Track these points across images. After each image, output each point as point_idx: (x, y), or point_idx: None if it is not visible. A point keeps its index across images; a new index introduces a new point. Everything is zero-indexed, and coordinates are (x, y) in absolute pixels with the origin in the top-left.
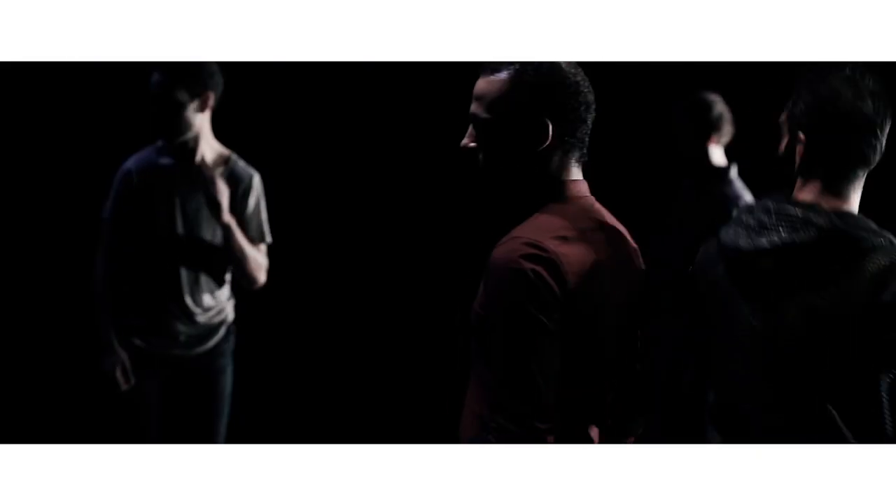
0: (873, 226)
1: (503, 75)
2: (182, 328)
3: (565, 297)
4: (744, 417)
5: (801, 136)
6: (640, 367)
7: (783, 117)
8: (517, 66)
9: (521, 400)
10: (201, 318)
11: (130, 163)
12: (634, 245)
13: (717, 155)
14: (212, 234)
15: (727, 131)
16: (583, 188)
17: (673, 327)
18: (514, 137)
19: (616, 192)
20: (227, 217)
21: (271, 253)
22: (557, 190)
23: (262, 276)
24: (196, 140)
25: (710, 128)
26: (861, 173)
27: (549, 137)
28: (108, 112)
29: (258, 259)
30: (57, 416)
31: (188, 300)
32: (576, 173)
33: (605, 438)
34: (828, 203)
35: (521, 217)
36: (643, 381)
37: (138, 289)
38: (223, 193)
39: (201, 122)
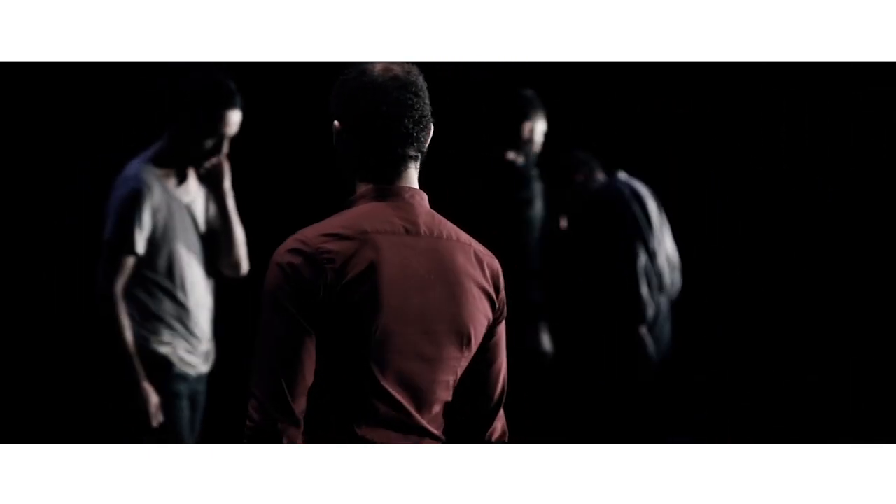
0: None
1: None
2: (208, 346)
3: (327, 293)
4: None
5: None
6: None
7: None
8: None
9: (262, 390)
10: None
11: (132, 181)
12: (480, 257)
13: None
14: (205, 250)
15: (538, 131)
16: (400, 192)
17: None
18: (334, 140)
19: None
20: (229, 185)
21: None
22: (370, 192)
23: (246, 262)
24: None
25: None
26: None
27: (344, 141)
28: (103, 113)
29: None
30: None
31: (205, 315)
32: (395, 178)
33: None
34: None
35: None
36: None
37: (175, 312)
38: (226, 167)
39: None
